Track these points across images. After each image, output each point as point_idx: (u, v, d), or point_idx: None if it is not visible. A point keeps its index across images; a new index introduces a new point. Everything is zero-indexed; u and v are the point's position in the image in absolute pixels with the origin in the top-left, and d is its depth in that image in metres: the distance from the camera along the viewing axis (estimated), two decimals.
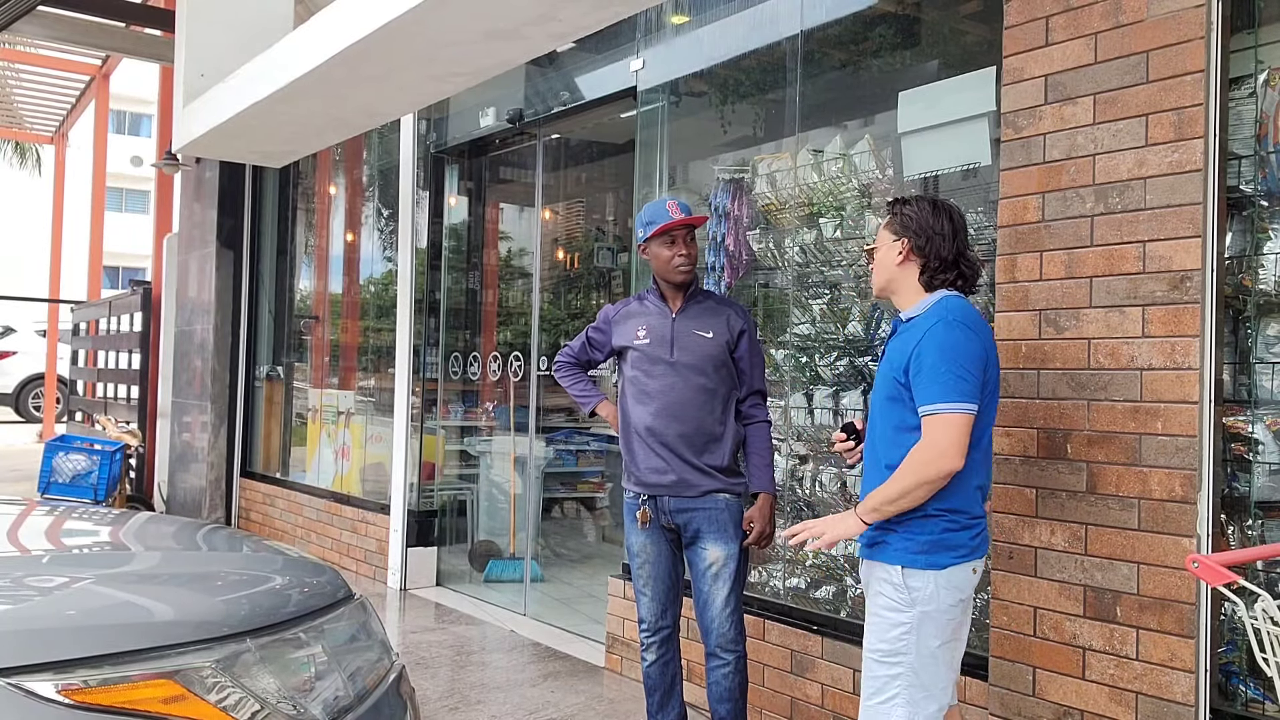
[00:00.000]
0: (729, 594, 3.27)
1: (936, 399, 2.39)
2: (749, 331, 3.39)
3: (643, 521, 3.37)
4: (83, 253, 14.13)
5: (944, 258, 2.56)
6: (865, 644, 2.55)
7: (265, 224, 8.55)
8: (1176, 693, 2.74)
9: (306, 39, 4.48)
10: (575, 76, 5.56)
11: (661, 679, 3.42)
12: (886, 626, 2.48)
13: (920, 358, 2.43)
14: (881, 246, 2.65)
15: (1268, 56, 2.81)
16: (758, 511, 3.31)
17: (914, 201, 2.64)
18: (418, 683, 4.35)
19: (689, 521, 3.30)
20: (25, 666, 1.71)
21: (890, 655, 2.46)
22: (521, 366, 6.14)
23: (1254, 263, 2.83)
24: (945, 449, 2.38)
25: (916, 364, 2.44)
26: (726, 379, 3.34)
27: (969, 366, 2.40)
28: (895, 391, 2.52)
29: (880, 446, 2.58)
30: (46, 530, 2.68)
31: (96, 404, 11.27)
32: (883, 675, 2.47)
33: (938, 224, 2.57)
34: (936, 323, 2.45)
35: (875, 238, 2.72)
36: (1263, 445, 2.79)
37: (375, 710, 2.15)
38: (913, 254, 2.58)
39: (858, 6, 4.04)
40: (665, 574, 3.40)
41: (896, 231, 2.61)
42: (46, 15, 8.18)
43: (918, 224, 2.58)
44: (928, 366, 2.41)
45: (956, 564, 2.46)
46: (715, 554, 3.28)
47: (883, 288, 2.68)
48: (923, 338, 2.44)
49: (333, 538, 7.13)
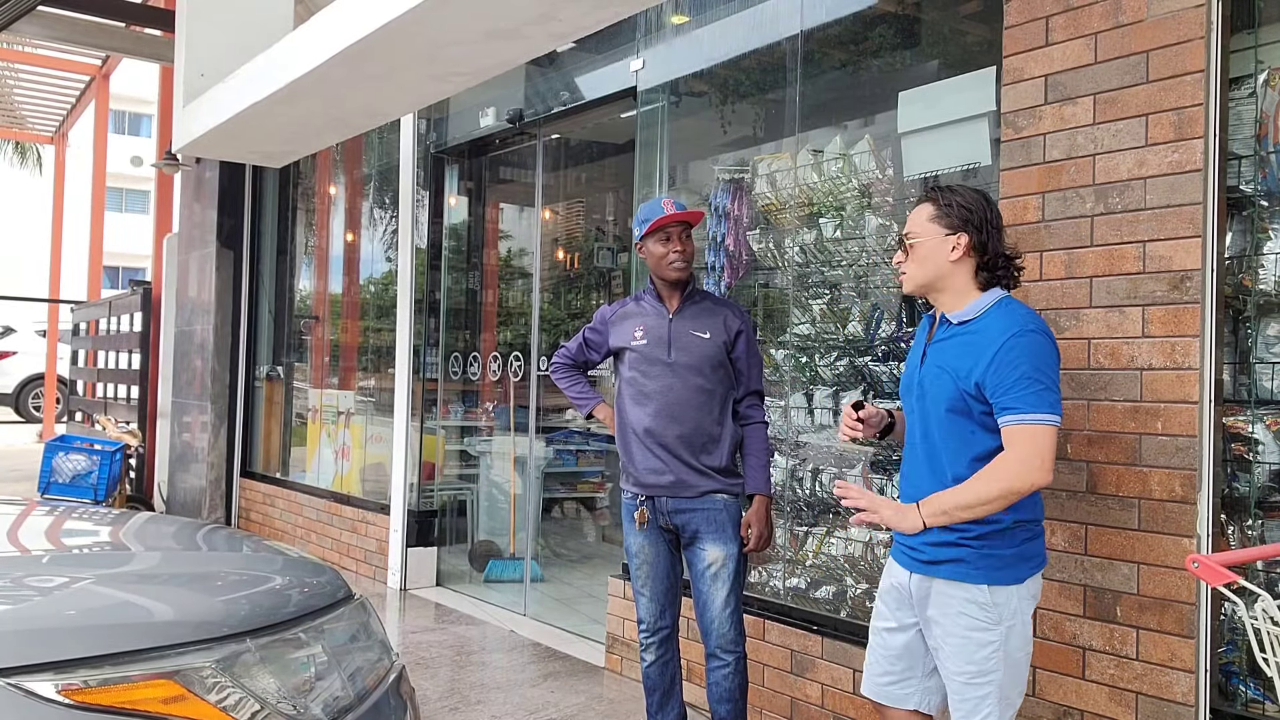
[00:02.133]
0: (728, 594, 3.26)
1: (1029, 409, 2.24)
2: (746, 332, 3.37)
3: (640, 522, 3.36)
4: (83, 253, 14.13)
5: (1001, 253, 2.39)
6: (949, 667, 2.40)
7: (265, 224, 8.55)
8: (1176, 693, 2.74)
9: (306, 39, 4.48)
10: (575, 76, 5.56)
11: (661, 679, 3.42)
12: (974, 647, 2.34)
13: (1007, 367, 2.26)
14: (928, 240, 2.42)
15: (1268, 56, 2.81)
16: (754, 515, 3.29)
17: (962, 191, 2.42)
18: (418, 683, 4.35)
19: (687, 522, 3.30)
20: (25, 666, 1.71)
21: (980, 676, 2.35)
22: (521, 366, 6.14)
23: (1254, 263, 2.83)
24: (1038, 462, 2.24)
25: (1000, 373, 2.27)
26: (724, 379, 3.33)
27: (1054, 376, 2.29)
28: (962, 404, 2.35)
29: (945, 460, 2.42)
30: (46, 530, 2.68)
31: (96, 404, 11.27)
32: (974, 697, 2.36)
33: (993, 217, 2.39)
34: (1020, 331, 2.28)
35: (913, 230, 2.46)
36: (1263, 445, 2.79)
37: (375, 710, 2.15)
38: (971, 250, 2.38)
39: (858, 6, 4.04)
40: (664, 575, 3.40)
41: (950, 225, 2.39)
42: (46, 15, 8.19)
43: (978, 217, 2.37)
44: (1021, 376, 2.25)
45: (1034, 573, 2.39)
46: (714, 554, 3.27)
47: (926, 285, 2.45)
48: (1004, 346, 2.27)
49: (333, 538, 7.13)
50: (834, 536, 3.98)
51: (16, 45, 11.21)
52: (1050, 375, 2.29)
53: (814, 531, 4.08)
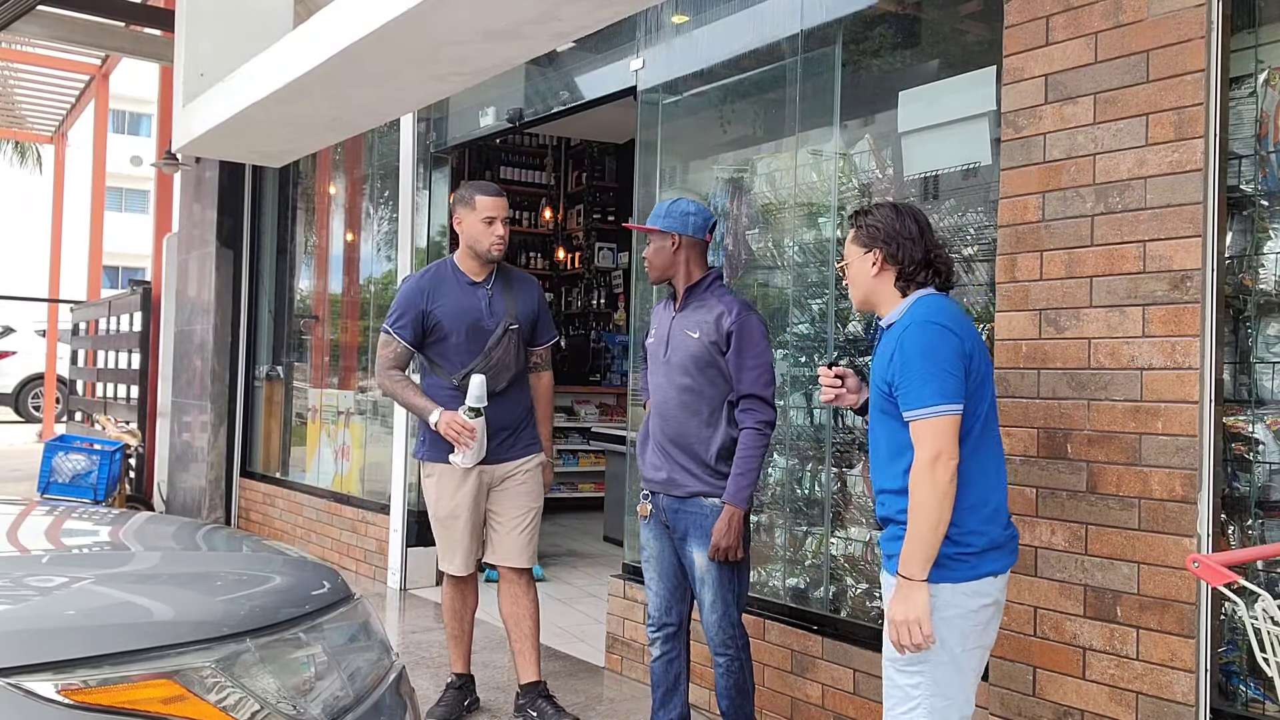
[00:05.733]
0: (714, 599, 3.25)
1: (917, 402, 2.34)
2: (738, 332, 3.24)
3: (642, 514, 3.43)
4: (82, 252, 14.12)
5: (916, 260, 2.53)
6: (885, 653, 2.46)
7: (265, 224, 8.55)
8: (1177, 692, 2.74)
9: (306, 38, 4.48)
10: (575, 76, 5.56)
11: (665, 676, 3.43)
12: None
13: (899, 361, 2.39)
14: (853, 261, 2.60)
15: (1268, 56, 2.81)
16: (717, 523, 3.19)
17: (875, 210, 2.60)
18: (418, 682, 4.34)
19: (677, 522, 3.31)
20: (25, 666, 1.70)
21: (910, 664, 2.39)
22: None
23: (1254, 262, 2.83)
24: (940, 449, 2.32)
25: (895, 368, 2.40)
26: (715, 380, 3.27)
27: (942, 364, 2.34)
28: (884, 404, 2.47)
29: (879, 464, 2.52)
30: (46, 530, 2.68)
31: (96, 404, 11.27)
32: (904, 685, 2.40)
33: (904, 228, 2.53)
34: (910, 324, 2.42)
35: (845, 254, 2.65)
36: (1263, 445, 2.79)
37: (375, 710, 2.15)
38: (886, 262, 2.53)
39: (858, 6, 4.04)
40: (668, 571, 3.40)
41: (865, 243, 2.56)
42: (46, 15, 8.17)
43: (885, 232, 2.53)
44: (909, 369, 2.36)
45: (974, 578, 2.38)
46: (699, 559, 3.27)
47: (863, 302, 2.62)
48: (899, 341, 2.41)
49: (332, 538, 7.13)
50: (834, 536, 3.98)
51: (16, 45, 11.21)
52: (937, 363, 2.34)
53: (814, 531, 4.08)
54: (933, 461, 2.32)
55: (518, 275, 4.15)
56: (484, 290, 3.96)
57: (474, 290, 3.95)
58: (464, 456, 3.78)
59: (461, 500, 3.93)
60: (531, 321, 4.05)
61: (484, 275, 3.98)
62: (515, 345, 3.96)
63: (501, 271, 4.03)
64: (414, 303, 3.89)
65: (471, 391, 3.71)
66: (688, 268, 3.36)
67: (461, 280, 3.96)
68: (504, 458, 3.94)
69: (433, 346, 3.93)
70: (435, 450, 3.92)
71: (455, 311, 3.89)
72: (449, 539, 4.01)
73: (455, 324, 3.88)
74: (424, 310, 3.88)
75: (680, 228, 3.34)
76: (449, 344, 3.90)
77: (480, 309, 3.92)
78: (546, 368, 4.19)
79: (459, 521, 3.95)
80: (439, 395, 3.87)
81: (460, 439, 3.71)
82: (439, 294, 3.91)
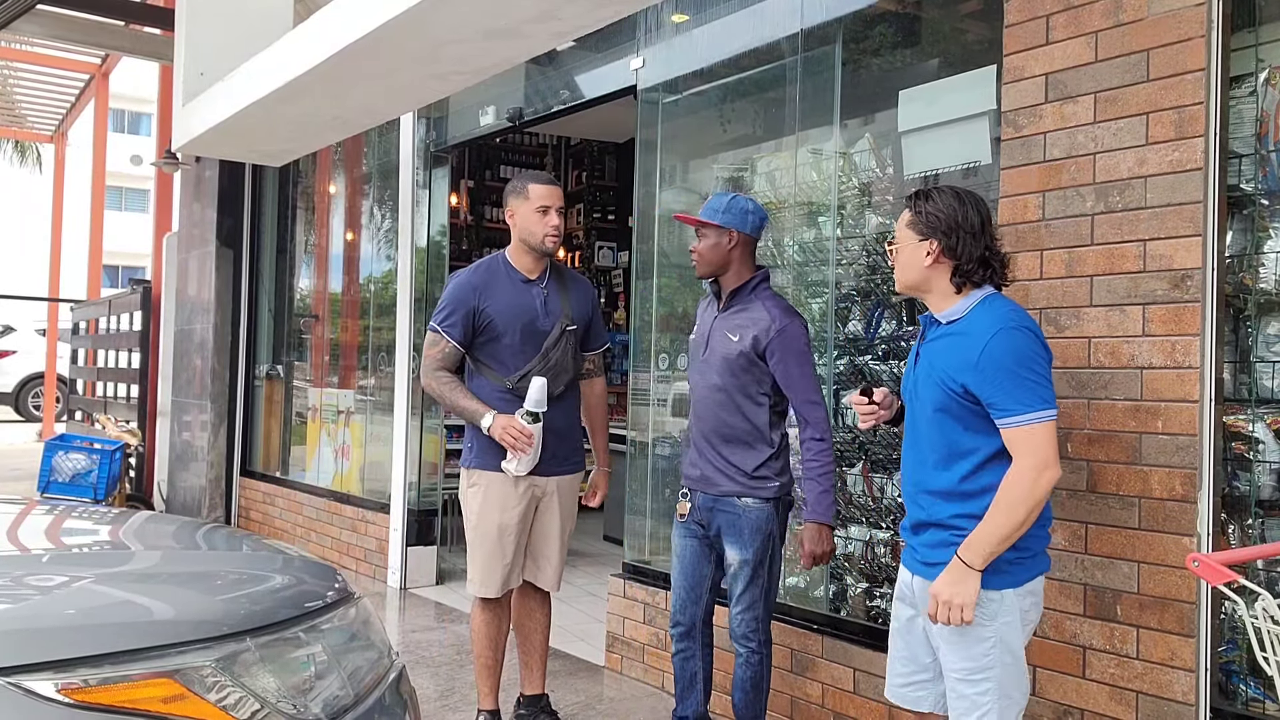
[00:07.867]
0: (742, 593, 3.29)
1: (1022, 408, 2.26)
2: (776, 341, 3.18)
3: (680, 514, 3.42)
4: (82, 251, 14.11)
5: (975, 257, 2.39)
6: (947, 664, 2.41)
7: (265, 223, 8.55)
8: (1177, 692, 2.74)
9: (306, 38, 4.48)
10: (575, 75, 5.56)
11: (682, 673, 3.46)
12: (970, 643, 2.35)
13: (992, 367, 2.28)
14: (906, 246, 2.46)
15: (1268, 55, 2.81)
16: (805, 539, 3.22)
17: (936, 195, 2.43)
18: (418, 682, 4.34)
19: (712, 519, 3.33)
20: (25, 666, 1.70)
21: (977, 673, 2.35)
22: None
23: (1254, 261, 2.83)
24: (1048, 459, 2.26)
25: (986, 374, 2.28)
26: (750, 383, 3.24)
27: (1041, 369, 2.30)
28: (947, 402, 2.36)
29: (926, 449, 2.45)
30: (46, 529, 2.68)
31: (96, 403, 11.27)
32: (971, 694, 2.37)
33: (965, 220, 2.38)
34: (1000, 329, 2.30)
35: (896, 234, 2.52)
36: (1263, 444, 2.79)
37: (375, 710, 2.15)
38: (943, 255, 2.40)
39: (858, 5, 4.04)
40: (690, 570, 3.41)
41: (922, 232, 2.42)
42: (46, 14, 8.18)
43: (946, 222, 2.38)
44: (1008, 374, 2.27)
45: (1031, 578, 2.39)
46: (731, 556, 3.30)
47: (910, 287, 2.50)
48: (987, 345, 2.29)
49: (332, 537, 7.13)
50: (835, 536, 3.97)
51: (16, 44, 11.20)
52: (1036, 369, 2.30)
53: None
54: (1039, 470, 2.25)
55: (572, 275, 3.93)
56: (539, 289, 3.70)
57: (528, 288, 3.68)
58: (519, 463, 3.55)
59: (515, 514, 3.65)
60: (586, 324, 3.82)
61: (538, 273, 3.72)
62: (572, 348, 3.74)
63: (556, 270, 3.79)
64: (464, 300, 3.63)
65: (531, 395, 3.50)
66: (738, 266, 3.30)
67: (515, 277, 3.69)
68: (554, 470, 3.71)
69: (483, 347, 3.67)
70: (485, 458, 3.64)
71: (509, 310, 3.63)
72: (494, 555, 3.66)
73: (509, 324, 3.62)
74: (475, 308, 3.62)
75: (739, 224, 3.25)
76: (501, 344, 3.64)
77: (535, 308, 3.66)
78: (600, 373, 3.97)
79: (510, 536, 3.64)
80: (489, 399, 3.62)
81: (518, 445, 3.50)
82: (491, 291, 3.64)
